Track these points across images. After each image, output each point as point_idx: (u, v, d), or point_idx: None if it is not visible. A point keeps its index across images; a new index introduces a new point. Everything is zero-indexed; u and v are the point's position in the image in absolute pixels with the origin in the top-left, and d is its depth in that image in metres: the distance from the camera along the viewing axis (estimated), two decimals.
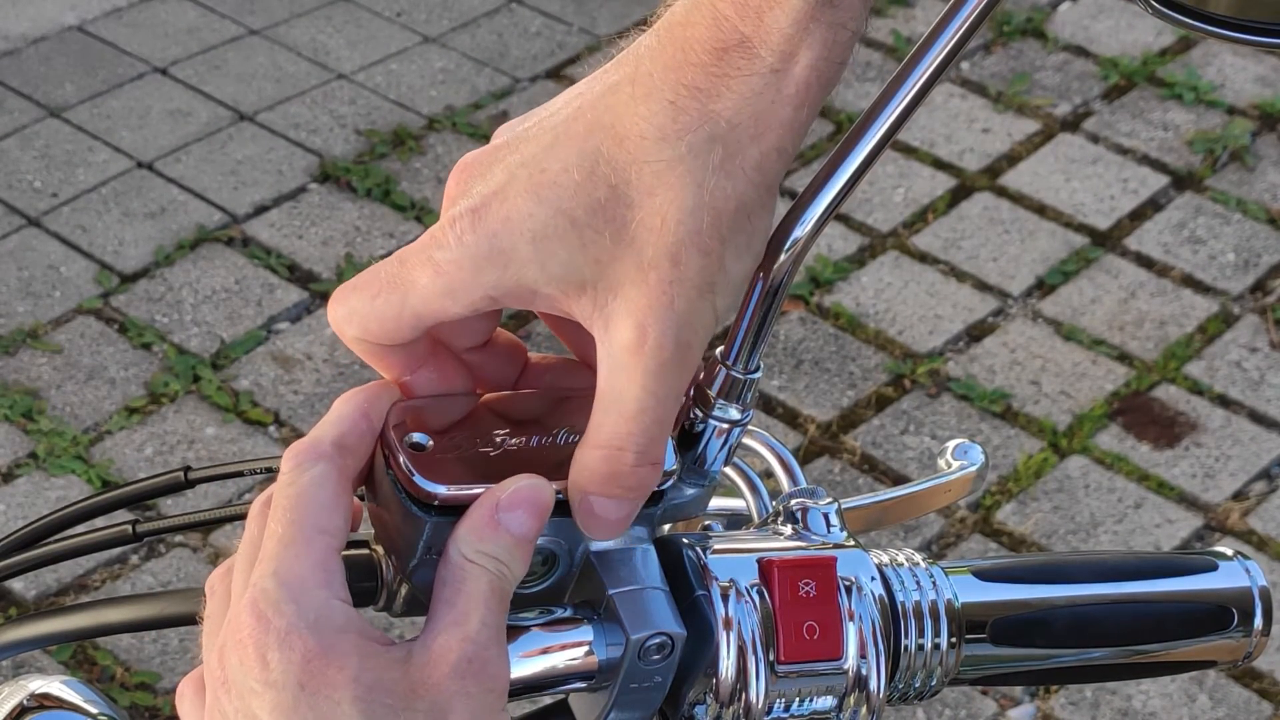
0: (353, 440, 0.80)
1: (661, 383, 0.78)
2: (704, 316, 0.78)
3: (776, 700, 0.85)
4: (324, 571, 0.77)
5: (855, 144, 0.83)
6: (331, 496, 0.78)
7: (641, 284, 0.77)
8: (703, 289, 0.78)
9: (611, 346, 0.78)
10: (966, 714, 2.59)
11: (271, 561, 0.77)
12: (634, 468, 0.79)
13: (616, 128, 0.78)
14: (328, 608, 0.76)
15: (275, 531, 0.78)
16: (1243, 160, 3.52)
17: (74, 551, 0.99)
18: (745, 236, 0.79)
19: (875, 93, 0.82)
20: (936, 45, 0.82)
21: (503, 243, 0.78)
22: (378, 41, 3.77)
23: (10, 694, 1.11)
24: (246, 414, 2.95)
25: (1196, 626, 0.96)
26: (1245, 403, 3.04)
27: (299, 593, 0.76)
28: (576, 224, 0.77)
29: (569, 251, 0.78)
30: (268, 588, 0.76)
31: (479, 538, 0.78)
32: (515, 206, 0.78)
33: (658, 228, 0.77)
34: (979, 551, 2.79)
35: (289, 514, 0.78)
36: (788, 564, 0.85)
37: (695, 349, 0.79)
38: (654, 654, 0.81)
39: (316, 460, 0.79)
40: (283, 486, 0.79)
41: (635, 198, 0.77)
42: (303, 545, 0.77)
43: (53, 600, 2.68)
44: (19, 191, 3.36)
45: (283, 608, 0.75)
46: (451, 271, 0.79)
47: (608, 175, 0.78)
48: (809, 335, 3.14)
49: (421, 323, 0.81)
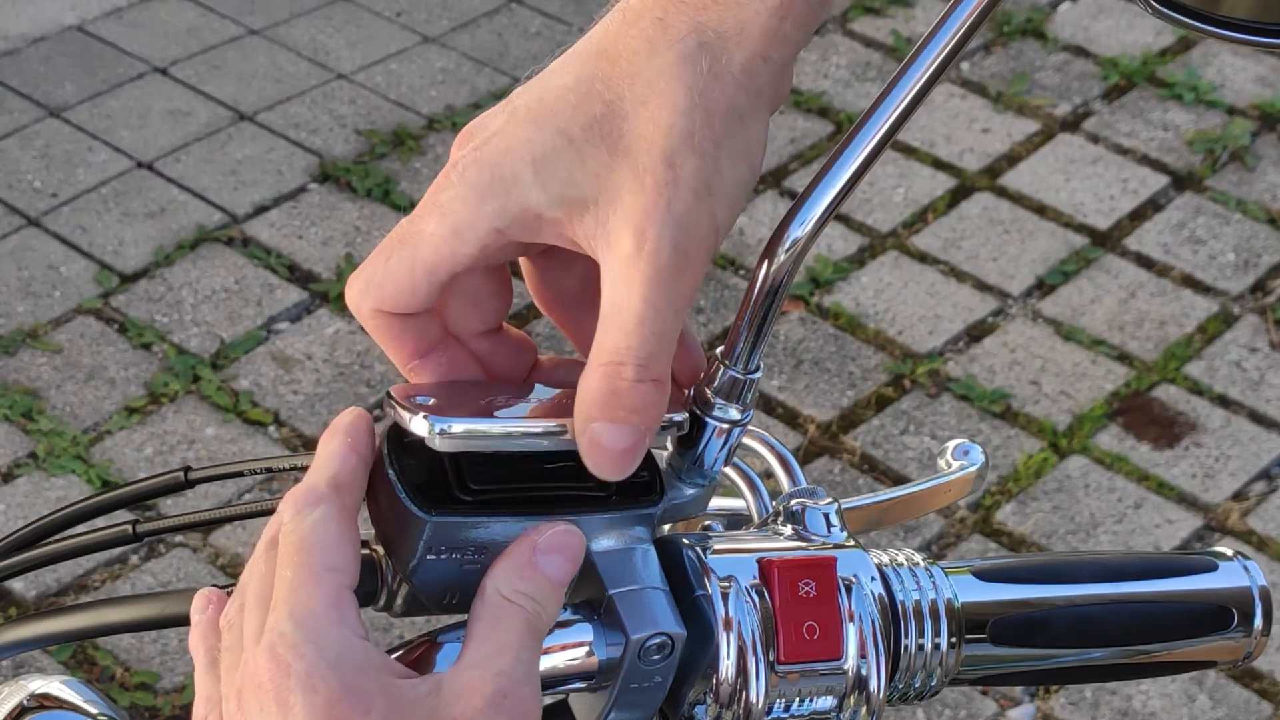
0: (346, 477, 0.81)
1: (659, 290, 0.78)
2: (702, 222, 0.78)
3: (776, 700, 0.85)
4: (338, 610, 0.76)
5: (855, 144, 0.83)
6: (336, 535, 0.78)
7: (638, 190, 0.78)
8: (699, 191, 0.78)
9: (611, 260, 0.78)
10: (966, 714, 2.59)
11: (285, 605, 0.76)
12: (634, 383, 0.78)
13: (609, 52, 0.80)
14: (347, 646, 0.75)
15: (285, 576, 0.77)
16: (1243, 160, 3.52)
17: (74, 551, 0.99)
18: (740, 141, 0.79)
19: (875, 93, 0.83)
20: (936, 45, 0.82)
21: (504, 170, 0.79)
22: (378, 41, 3.77)
23: (10, 694, 1.11)
24: (246, 414, 2.95)
25: (1196, 626, 0.96)
26: (1245, 403, 3.04)
27: (316, 633, 0.75)
28: (574, 141, 0.78)
29: (568, 168, 0.78)
30: (284, 630, 0.75)
31: (518, 577, 0.79)
32: (514, 135, 0.80)
33: (652, 133, 0.78)
34: (979, 551, 2.79)
35: (296, 557, 0.78)
36: (788, 564, 0.85)
37: (694, 258, 0.78)
38: (654, 654, 0.81)
39: (316, 503, 0.79)
40: (286, 533, 0.79)
41: (629, 109, 0.78)
42: (314, 585, 0.77)
43: (53, 600, 2.68)
44: (19, 191, 3.36)
45: (301, 650, 0.75)
46: (456, 208, 0.80)
47: (602, 93, 0.79)
48: (809, 335, 3.14)
49: (435, 275, 0.81)
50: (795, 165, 3.49)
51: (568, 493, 0.83)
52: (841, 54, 3.77)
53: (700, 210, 0.78)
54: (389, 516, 0.81)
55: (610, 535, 0.83)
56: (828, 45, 3.80)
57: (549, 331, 2.97)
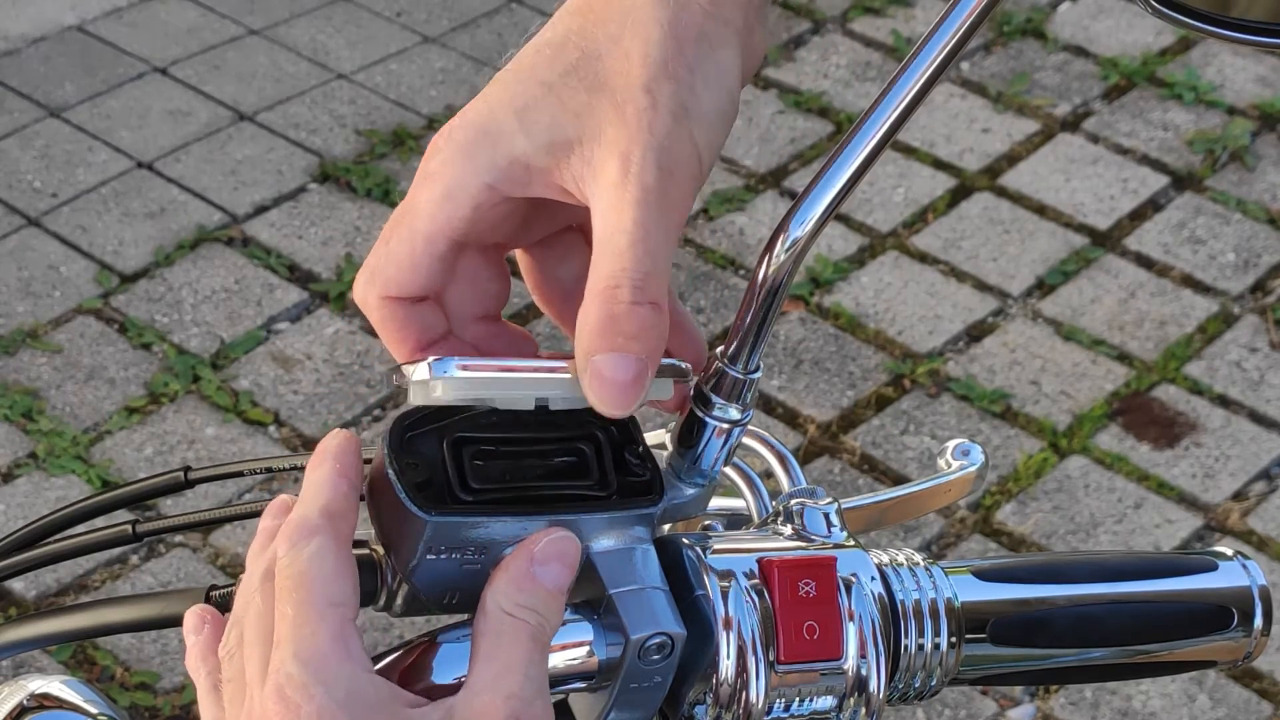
0: (338, 505, 0.80)
1: (648, 211, 0.78)
2: (683, 144, 0.79)
3: (776, 700, 0.85)
4: (343, 644, 0.75)
5: (855, 144, 0.83)
6: (334, 567, 0.77)
7: (619, 122, 0.79)
8: (677, 114, 0.79)
9: (600, 191, 0.79)
10: (966, 714, 2.59)
11: (289, 644, 0.75)
12: (631, 305, 0.78)
13: (582, 7, 0.82)
14: (356, 684, 0.74)
15: (286, 614, 0.76)
16: (1243, 160, 3.52)
17: (74, 551, 0.99)
18: (712, 67, 0.81)
19: (875, 93, 0.83)
20: (936, 45, 0.82)
21: (489, 126, 0.81)
22: (378, 41, 3.77)
23: (10, 694, 1.11)
24: (246, 414, 2.95)
25: (1196, 626, 0.96)
26: (1245, 403, 3.04)
27: (323, 672, 0.74)
28: (554, 88, 0.80)
29: (550, 113, 0.80)
30: (291, 672, 0.74)
31: (518, 590, 0.78)
32: (496, 93, 0.81)
33: (627, 68, 0.80)
34: (979, 551, 2.79)
35: (296, 594, 0.76)
36: (788, 564, 0.85)
37: (679, 178, 0.79)
38: (654, 654, 0.81)
39: (311, 535, 0.78)
40: (283, 568, 0.77)
41: (604, 49, 0.81)
42: (317, 622, 0.75)
43: (53, 600, 2.68)
44: (19, 191, 3.36)
45: (310, 691, 0.74)
46: (446, 171, 0.81)
47: (578, 42, 0.81)
48: (809, 335, 3.14)
49: (434, 245, 0.82)
50: (795, 165, 3.49)
51: (568, 492, 0.82)
52: (841, 54, 3.77)
53: (680, 132, 0.79)
54: (389, 516, 0.81)
55: (610, 535, 0.83)
56: (828, 45, 3.80)
57: (550, 331, 2.96)
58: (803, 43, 3.80)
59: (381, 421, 2.95)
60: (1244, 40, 0.80)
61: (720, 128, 0.82)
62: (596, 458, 0.84)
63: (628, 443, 0.85)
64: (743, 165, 3.48)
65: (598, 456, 0.84)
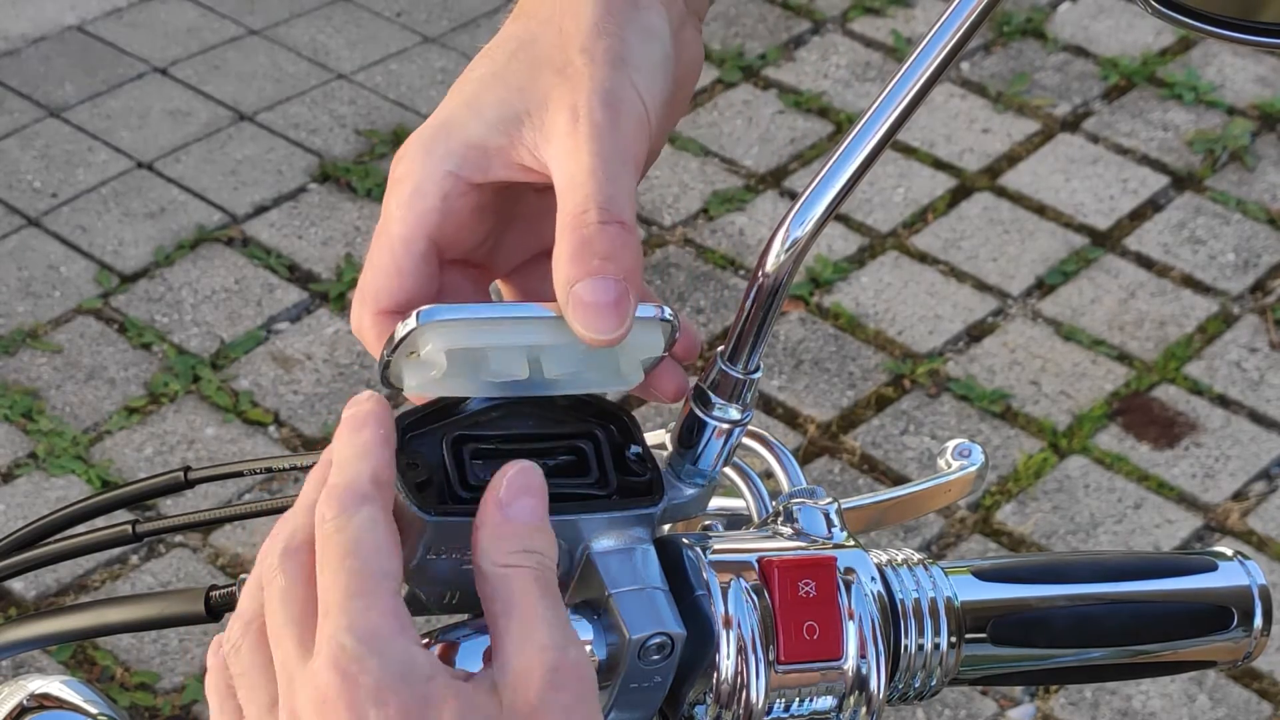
0: (385, 472, 0.78)
1: (601, 144, 0.80)
2: (625, 88, 0.82)
3: (776, 700, 0.85)
4: (397, 619, 0.74)
5: (855, 144, 0.83)
6: (385, 538, 0.76)
7: (563, 83, 0.82)
8: (616, 64, 0.83)
9: (555, 146, 0.81)
10: (966, 714, 2.59)
11: (342, 615, 0.74)
12: (600, 225, 0.79)
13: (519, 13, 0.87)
14: (410, 656, 0.74)
15: (338, 583, 0.75)
16: (1243, 160, 3.52)
17: (74, 551, 0.98)
18: (642, 24, 0.85)
19: (875, 93, 0.83)
20: (936, 45, 0.82)
21: (444, 122, 0.84)
22: (378, 41, 3.77)
23: (10, 694, 1.11)
24: (246, 414, 2.95)
25: (1196, 626, 0.96)
26: (1245, 403, 3.04)
27: (381, 645, 0.73)
28: (499, 74, 0.84)
29: (497, 94, 0.83)
30: (345, 644, 0.73)
31: (500, 539, 0.77)
32: (449, 97, 0.85)
33: (563, 40, 0.83)
34: (979, 551, 2.79)
35: (348, 561, 0.75)
36: (788, 564, 0.85)
37: (626, 116, 0.82)
38: (654, 654, 0.81)
39: (362, 503, 0.77)
40: (332, 534, 0.76)
41: (539, 33, 0.84)
42: (372, 594, 0.74)
43: (53, 600, 2.68)
44: (19, 191, 3.36)
45: (367, 663, 0.73)
46: (412, 169, 0.84)
47: (518, 35, 0.85)
48: (809, 335, 3.14)
49: (412, 245, 0.84)
50: (795, 165, 3.49)
51: (567, 491, 0.83)
52: (841, 54, 3.77)
53: (620, 78, 0.82)
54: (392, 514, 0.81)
55: (610, 535, 0.83)
56: (828, 45, 3.80)
57: None
58: (803, 43, 3.80)
59: None
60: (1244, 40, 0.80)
61: (658, 77, 0.84)
62: (596, 457, 0.84)
63: (628, 443, 0.85)
64: (743, 165, 3.48)
65: (597, 455, 0.84)
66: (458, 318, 0.80)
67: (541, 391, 0.83)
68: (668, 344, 0.84)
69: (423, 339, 0.80)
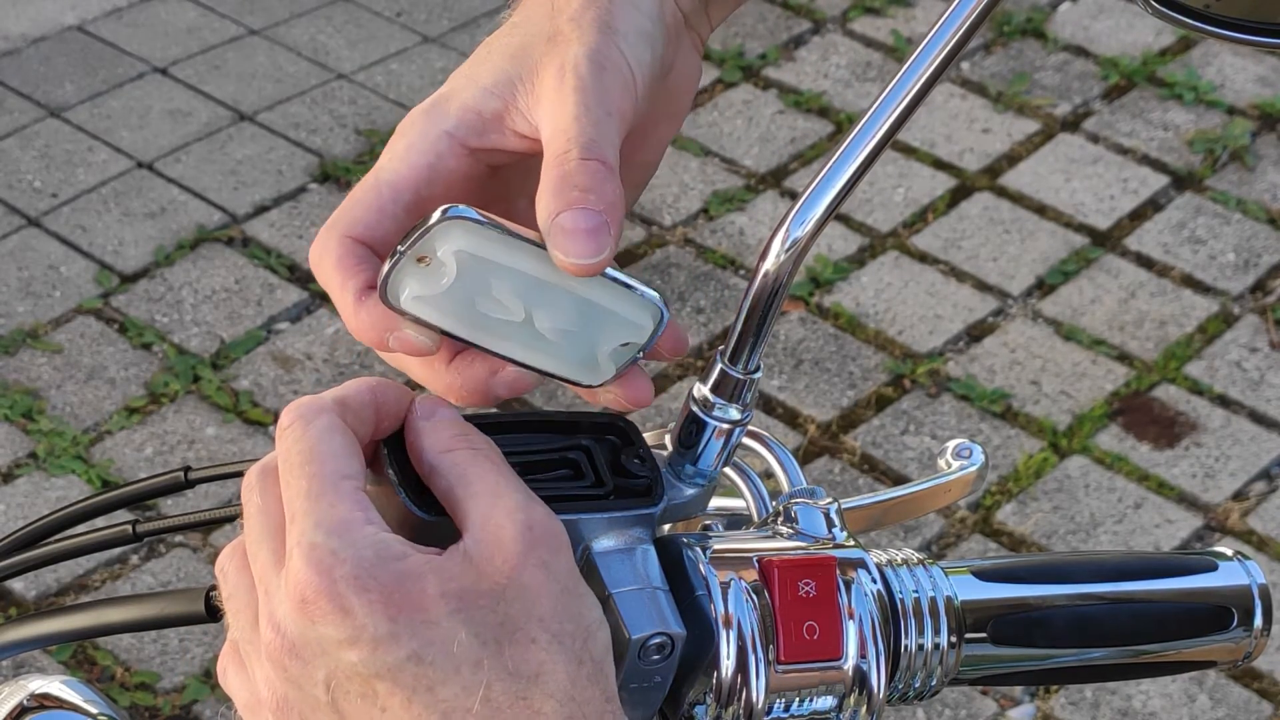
0: (355, 403, 0.81)
1: (586, 95, 0.83)
2: (611, 50, 0.85)
3: (776, 700, 0.85)
4: (362, 510, 0.76)
5: (855, 144, 0.83)
6: (343, 444, 0.78)
7: (553, 49, 0.85)
8: (603, 28, 0.86)
9: (544, 103, 0.84)
10: (966, 714, 2.59)
11: (308, 516, 0.76)
12: (580, 160, 0.81)
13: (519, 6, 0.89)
14: (380, 541, 0.75)
15: (300, 487, 0.77)
16: (1243, 160, 3.52)
17: (74, 551, 0.98)
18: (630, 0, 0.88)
19: (875, 93, 0.83)
20: (936, 45, 0.82)
21: (446, 91, 0.87)
22: (378, 41, 3.77)
23: (10, 694, 1.11)
24: (246, 414, 2.95)
25: (1196, 626, 0.96)
26: (1245, 403, 3.04)
27: (351, 535, 0.75)
28: (493, 48, 0.87)
29: (492, 63, 0.87)
30: (316, 540, 0.75)
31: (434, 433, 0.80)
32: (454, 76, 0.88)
33: (552, 12, 0.87)
34: (979, 551, 2.79)
35: (308, 467, 0.77)
36: (788, 564, 0.85)
37: (610, 73, 0.84)
38: (654, 654, 0.81)
39: (319, 412, 0.79)
40: (290, 442, 0.78)
41: (533, 13, 0.88)
42: (333, 493, 0.76)
43: (53, 600, 2.68)
44: (19, 191, 3.36)
45: (341, 554, 0.74)
46: (410, 130, 0.86)
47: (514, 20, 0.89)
48: (809, 335, 3.14)
49: (399, 193, 0.85)
50: (795, 165, 3.49)
51: (567, 492, 0.83)
52: (841, 54, 3.77)
53: (606, 41, 0.85)
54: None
55: (610, 535, 0.83)
56: (828, 45, 3.80)
57: None
58: (803, 43, 3.80)
59: None
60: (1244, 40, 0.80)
61: (643, 47, 0.86)
62: (591, 465, 0.84)
63: (627, 445, 0.85)
64: (743, 165, 3.48)
65: (591, 463, 0.84)
66: (483, 220, 0.81)
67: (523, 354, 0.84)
68: (653, 333, 0.84)
69: (443, 235, 0.81)
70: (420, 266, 0.81)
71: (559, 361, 0.84)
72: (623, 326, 0.83)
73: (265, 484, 0.79)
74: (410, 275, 0.81)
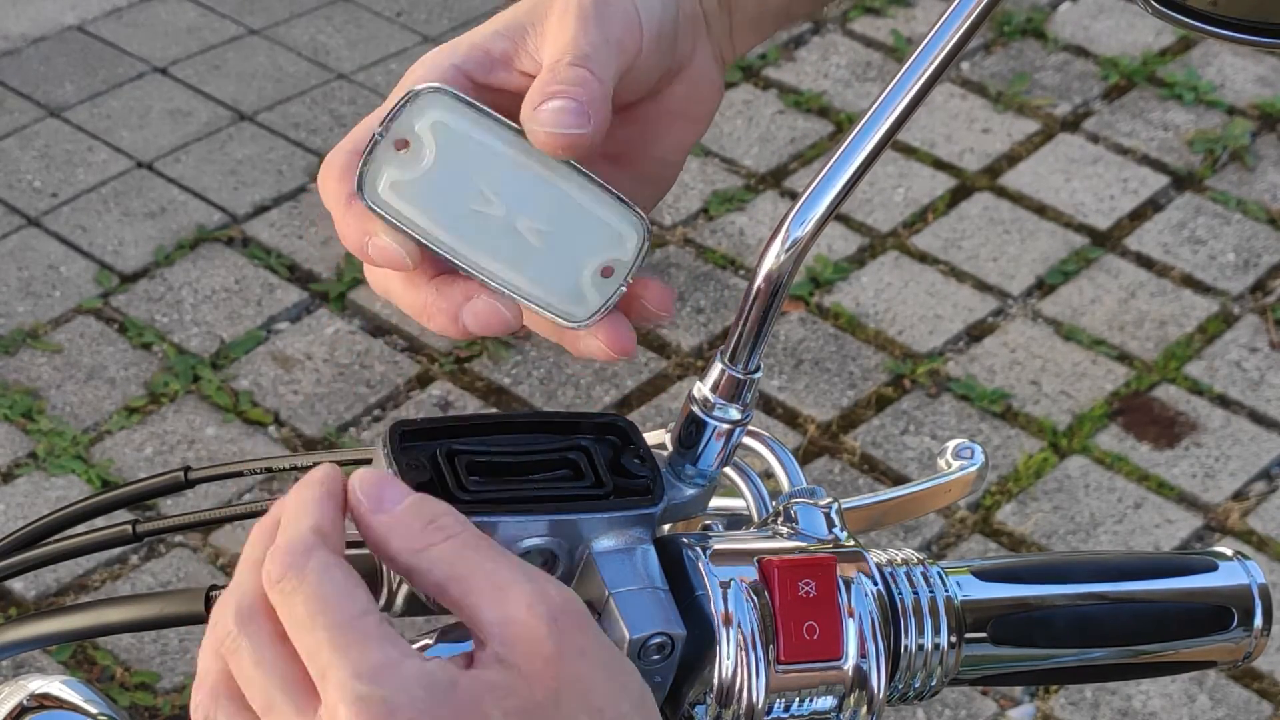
0: (328, 525, 0.75)
1: (585, 22, 0.85)
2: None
3: (776, 700, 0.85)
4: (394, 645, 0.71)
5: (855, 144, 0.83)
6: (344, 578, 0.73)
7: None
8: None
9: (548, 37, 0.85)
10: (966, 714, 2.59)
11: (342, 669, 0.70)
12: (569, 65, 0.83)
13: None
14: (425, 674, 0.71)
15: (320, 640, 0.71)
16: (1243, 160, 3.52)
17: (74, 551, 0.98)
18: None
19: (875, 93, 0.83)
20: (936, 45, 0.82)
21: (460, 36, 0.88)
22: (378, 41, 3.77)
23: (10, 694, 1.11)
24: (246, 414, 2.95)
25: (1196, 626, 0.96)
26: (1245, 403, 3.04)
27: (395, 679, 0.70)
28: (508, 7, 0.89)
29: (506, 14, 0.88)
30: (361, 693, 0.70)
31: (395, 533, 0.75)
32: None
33: None
34: (979, 551, 2.79)
35: (320, 618, 0.72)
36: (788, 564, 0.85)
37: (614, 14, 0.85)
38: (654, 654, 0.81)
39: (309, 553, 0.74)
40: (289, 595, 0.72)
41: None
42: (359, 636, 0.71)
43: (53, 600, 2.68)
44: (19, 191, 3.36)
45: (393, 701, 0.70)
46: (418, 67, 0.87)
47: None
48: (809, 335, 3.14)
49: None
50: (795, 165, 3.49)
51: (566, 492, 0.83)
52: (841, 54, 3.77)
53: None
54: None
55: (610, 535, 0.83)
56: (828, 45, 3.80)
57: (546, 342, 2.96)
58: (803, 43, 3.80)
59: (381, 422, 2.95)
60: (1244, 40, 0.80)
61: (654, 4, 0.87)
62: (590, 465, 0.84)
63: (627, 445, 0.85)
64: (743, 165, 3.48)
65: (590, 463, 0.84)
66: (463, 98, 0.83)
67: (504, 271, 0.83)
68: (637, 253, 0.84)
69: (421, 109, 0.82)
70: (400, 155, 0.82)
71: (540, 287, 0.84)
72: (606, 238, 0.84)
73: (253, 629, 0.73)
74: (389, 163, 0.82)
